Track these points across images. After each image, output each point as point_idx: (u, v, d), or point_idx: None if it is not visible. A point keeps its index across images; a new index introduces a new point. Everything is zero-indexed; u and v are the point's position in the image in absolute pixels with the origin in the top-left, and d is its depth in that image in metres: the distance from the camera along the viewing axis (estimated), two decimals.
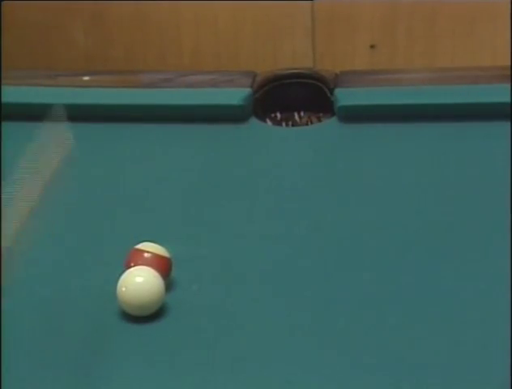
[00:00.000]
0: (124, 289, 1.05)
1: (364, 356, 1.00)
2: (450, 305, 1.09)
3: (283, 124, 1.68)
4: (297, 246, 1.25)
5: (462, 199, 1.36)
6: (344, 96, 1.65)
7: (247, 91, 1.70)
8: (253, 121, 1.67)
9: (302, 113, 1.69)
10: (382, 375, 0.97)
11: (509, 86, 1.58)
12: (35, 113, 1.64)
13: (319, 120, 1.68)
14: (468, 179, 1.42)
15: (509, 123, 1.49)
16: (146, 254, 1.11)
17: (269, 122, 1.68)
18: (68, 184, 1.46)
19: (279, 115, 1.70)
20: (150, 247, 1.12)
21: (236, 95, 1.68)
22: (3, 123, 1.56)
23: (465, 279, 1.15)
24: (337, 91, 1.68)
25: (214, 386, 0.96)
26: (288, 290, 1.14)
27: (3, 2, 2.87)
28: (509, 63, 2.41)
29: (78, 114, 1.65)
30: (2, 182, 1.40)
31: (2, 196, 1.34)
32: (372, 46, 3.08)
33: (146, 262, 1.09)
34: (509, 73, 1.65)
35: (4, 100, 1.61)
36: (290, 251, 1.24)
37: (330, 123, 1.64)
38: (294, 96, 1.73)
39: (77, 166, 1.53)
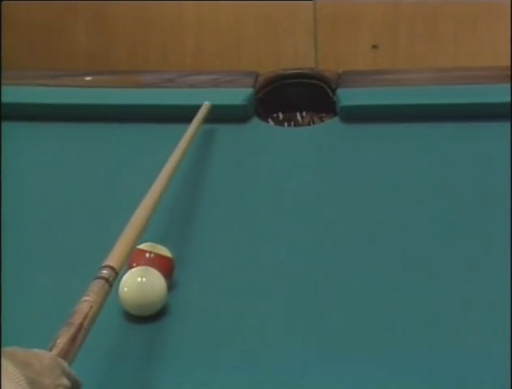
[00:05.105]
0: (126, 289, 1.05)
1: (365, 356, 1.00)
2: (451, 305, 1.09)
3: (286, 124, 1.68)
4: (299, 246, 1.25)
5: (463, 199, 1.36)
6: (346, 96, 1.66)
7: (249, 91, 1.70)
8: (256, 122, 1.67)
9: (304, 113, 1.69)
10: (384, 375, 0.97)
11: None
12: (36, 113, 1.65)
13: (321, 120, 1.68)
14: (469, 179, 1.42)
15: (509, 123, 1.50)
16: (148, 255, 1.11)
17: (271, 122, 1.68)
18: (69, 184, 1.47)
19: (281, 115, 1.70)
20: (152, 247, 1.12)
21: (238, 95, 1.68)
22: (3, 123, 1.56)
23: (465, 278, 1.15)
24: (339, 91, 1.68)
25: (216, 386, 0.96)
26: (289, 290, 1.14)
27: (4, 2, 2.88)
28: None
29: (80, 114, 1.65)
30: (2, 182, 1.40)
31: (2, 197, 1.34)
32: (374, 46, 3.09)
33: (148, 263, 1.09)
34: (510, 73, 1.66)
35: (5, 100, 1.61)
36: (292, 251, 1.23)
37: (333, 123, 1.65)
38: (296, 96, 1.73)
39: (77, 166, 1.53)
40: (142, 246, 1.12)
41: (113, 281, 0.89)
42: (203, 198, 1.40)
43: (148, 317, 1.06)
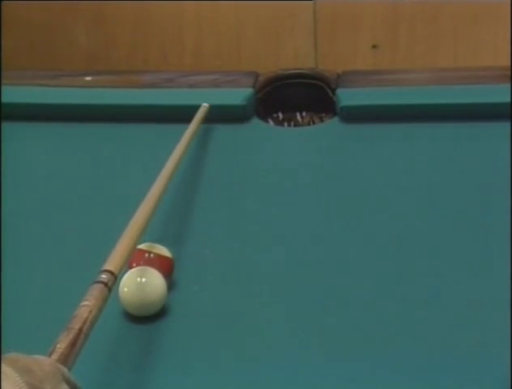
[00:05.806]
0: (126, 290, 1.05)
1: (365, 356, 1.00)
2: (451, 305, 1.09)
3: (285, 124, 1.68)
4: (299, 246, 1.25)
5: (463, 199, 1.36)
6: (346, 96, 1.66)
7: (249, 91, 1.70)
8: (256, 122, 1.67)
9: (304, 113, 1.69)
10: (384, 375, 0.97)
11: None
12: (36, 113, 1.65)
13: (321, 120, 1.68)
14: (469, 179, 1.42)
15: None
16: (148, 255, 1.11)
17: (271, 122, 1.68)
18: (69, 184, 1.47)
19: (281, 115, 1.70)
20: (152, 247, 1.12)
21: (238, 95, 1.68)
22: (3, 123, 1.56)
23: (465, 278, 1.15)
24: (339, 91, 1.68)
25: (216, 386, 0.96)
26: (289, 290, 1.14)
27: (4, 2, 2.87)
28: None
29: (80, 114, 1.65)
30: (2, 182, 1.40)
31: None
32: (374, 46, 3.09)
33: (148, 263, 1.09)
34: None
35: (5, 100, 1.61)
36: (292, 251, 1.23)
37: (332, 123, 1.65)
38: (296, 96, 1.73)
39: (77, 166, 1.53)
40: (141, 246, 1.12)
41: (111, 286, 0.90)
42: (203, 198, 1.40)
43: (148, 317, 1.06)
